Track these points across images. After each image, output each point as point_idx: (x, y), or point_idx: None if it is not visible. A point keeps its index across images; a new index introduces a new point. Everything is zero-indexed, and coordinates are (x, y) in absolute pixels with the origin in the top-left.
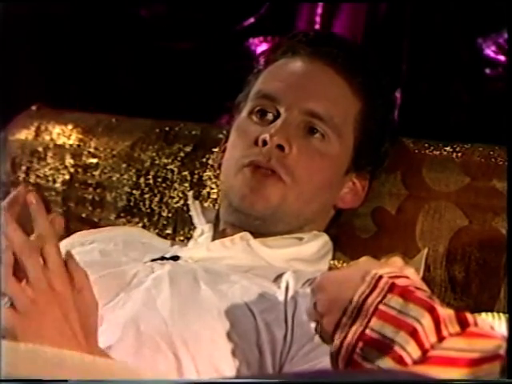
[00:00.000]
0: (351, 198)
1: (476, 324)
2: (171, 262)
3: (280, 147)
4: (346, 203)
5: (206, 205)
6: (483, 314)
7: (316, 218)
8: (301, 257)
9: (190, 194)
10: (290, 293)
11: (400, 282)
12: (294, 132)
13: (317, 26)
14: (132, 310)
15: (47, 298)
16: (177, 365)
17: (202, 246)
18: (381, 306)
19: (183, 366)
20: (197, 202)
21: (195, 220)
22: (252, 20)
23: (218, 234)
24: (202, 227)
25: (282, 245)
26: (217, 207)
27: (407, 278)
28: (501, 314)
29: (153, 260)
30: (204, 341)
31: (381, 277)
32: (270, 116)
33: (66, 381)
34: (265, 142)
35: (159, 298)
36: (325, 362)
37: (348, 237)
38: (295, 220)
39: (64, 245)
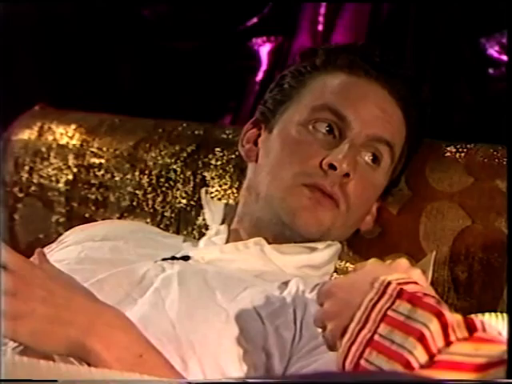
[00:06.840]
0: (370, 221)
1: (484, 329)
2: (181, 261)
3: (347, 175)
4: (366, 225)
5: None
6: (486, 315)
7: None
8: (312, 263)
9: (203, 190)
10: (300, 296)
11: (408, 288)
12: (357, 159)
13: (320, 26)
14: (140, 312)
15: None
16: (183, 368)
17: (215, 247)
18: (389, 312)
19: (190, 369)
20: (210, 198)
21: (208, 217)
22: (255, 20)
23: (231, 234)
24: (218, 227)
25: (296, 252)
26: (224, 202)
27: (415, 283)
28: (504, 315)
29: (164, 259)
30: (211, 344)
31: (389, 283)
32: (333, 133)
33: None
34: (332, 166)
35: (168, 299)
36: (327, 358)
37: (352, 237)
38: (329, 240)
39: (74, 240)
